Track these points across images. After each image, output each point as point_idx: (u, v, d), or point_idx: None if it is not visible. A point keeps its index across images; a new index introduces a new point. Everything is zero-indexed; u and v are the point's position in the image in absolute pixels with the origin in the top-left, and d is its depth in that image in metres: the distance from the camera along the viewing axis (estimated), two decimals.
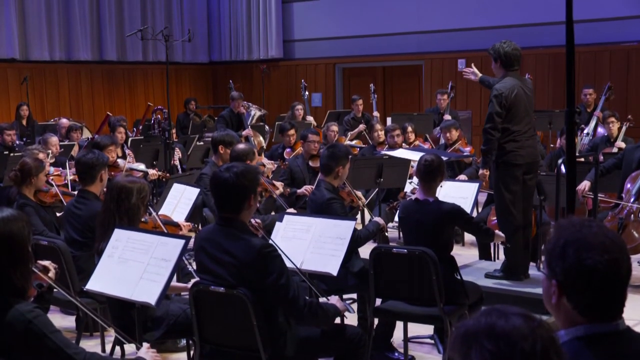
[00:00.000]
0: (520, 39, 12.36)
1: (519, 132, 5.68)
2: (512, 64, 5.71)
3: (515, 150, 5.68)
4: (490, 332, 1.56)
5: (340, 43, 14.82)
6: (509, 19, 12.57)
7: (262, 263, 3.55)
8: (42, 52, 14.01)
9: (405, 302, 4.68)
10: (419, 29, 13.73)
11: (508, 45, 5.72)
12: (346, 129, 11.34)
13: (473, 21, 13.05)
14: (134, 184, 4.46)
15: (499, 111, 5.59)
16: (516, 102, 5.62)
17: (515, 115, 5.64)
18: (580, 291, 1.87)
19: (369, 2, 14.32)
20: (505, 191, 5.76)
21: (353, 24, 14.54)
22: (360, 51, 14.52)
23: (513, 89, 5.62)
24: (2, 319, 2.73)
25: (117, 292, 3.87)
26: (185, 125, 13.37)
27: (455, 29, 13.29)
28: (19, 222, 2.85)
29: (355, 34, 14.55)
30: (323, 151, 5.52)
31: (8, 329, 2.72)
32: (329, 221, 4.57)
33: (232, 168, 3.68)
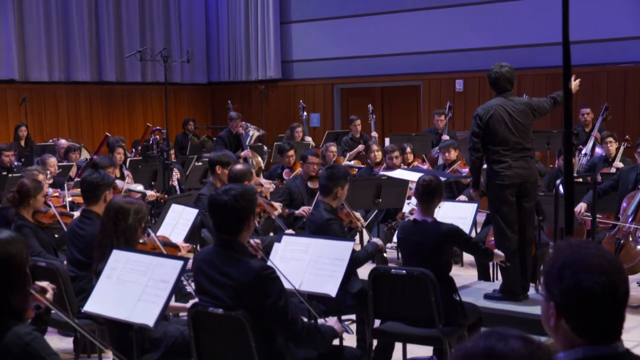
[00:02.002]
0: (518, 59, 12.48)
1: (504, 152, 5.75)
2: (496, 87, 5.96)
3: (501, 171, 5.76)
4: (489, 355, 1.56)
5: (339, 63, 14.88)
6: (507, 40, 12.65)
7: (261, 285, 3.54)
8: (41, 72, 14.06)
9: (404, 323, 4.67)
10: (417, 49, 13.79)
11: (492, 69, 6.04)
12: (345, 149, 11.36)
13: (471, 42, 13.12)
14: (132, 205, 4.45)
15: (476, 131, 5.86)
16: (492, 122, 5.80)
17: (493, 135, 5.79)
18: (578, 313, 1.87)
19: (367, 23, 14.39)
20: (495, 212, 5.83)
21: (351, 44, 14.61)
22: (359, 72, 14.58)
23: (489, 110, 5.82)
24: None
25: (115, 313, 3.86)
26: (183, 146, 13.39)
27: (453, 50, 13.36)
28: (17, 244, 2.85)
29: (354, 55, 14.61)
30: (322, 172, 5.52)
31: (5, 352, 2.71)
32: (328, 242, 4.56)
33: (229, 190, 3.68)
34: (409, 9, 13.83)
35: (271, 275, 3.58)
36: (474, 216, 5.98)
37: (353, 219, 5.72)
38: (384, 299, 4.64)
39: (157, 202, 8.37)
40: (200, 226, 6.59)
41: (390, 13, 14.07)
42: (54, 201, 6.92)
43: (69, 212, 6.72)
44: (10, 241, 2.83)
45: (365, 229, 6.03)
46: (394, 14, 14.03)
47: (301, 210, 7.24)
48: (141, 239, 4.68)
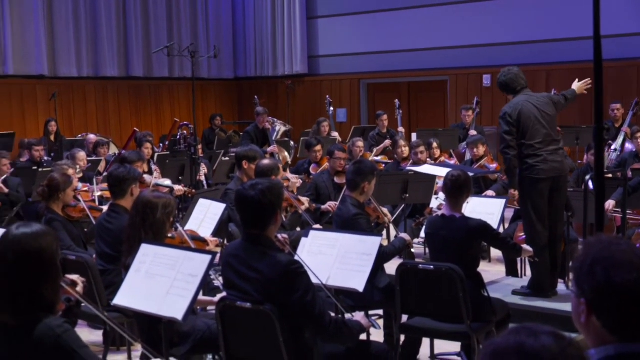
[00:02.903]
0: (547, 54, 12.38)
1: (538, 146, 5.72)
2: (512, 89, 5.94)
3: (537, 165, 5.72)
4: (519, 351, 1.56)
5: (365, 59, 14.84)
6: (535, 34, 12.54)
7: (289, 280, 3.55)
8: (70, 68, 14.19)
9: (432, 319, 4.67)
10: (444, 44, 13.72)
11: (502, 73, 6.01)
12: (371, 144, 11.34)
13: (499, 36, 13.03)
14: (160, 199, 4.49)
15: (507, 129, 5.77)
16: (522, 117, 5.76)
17: (525, 129, 5.75)
18: (609, 310, 1.85)
19: (394, 18, 14.34)
20: (530, 206, 5.77)
21: (378, 39, 14.56)
22: (385, 67, 14.54)
23: (517, 106, 5.77)
24: (31, 334, 2.76)
25: (144, 307, 3.89)
26: (211, 141, 13.45)
27: (480, 44, 13.27)
28: (48, 237, 2.88)
29: (381, 50, 14.57)
30: (349, 167, 5.53)
31: (38, 344, 2.75)
32: (355, 237, 4.56)
33: (256, 185, 3.69)
34: (436, 3, 13.76)
35: (299, 270, 3.60)
36: (502, 212, 5.95)
37: (380, 214, 5.72)
38: (412, 294, 4.63)
39: (184, 196, 8.42)
40: (227, 221, 6.62)
41: (418, 8, 14.00)
42: (83, 195, 7.00)
43: (98, 206, 6.79)
44: (42, 234, 2.86)
45: (392, 224, 6.02)
46: (421, 8, 13.96)
47: (328, 206, 7.24)
48: (169, 233, 4.71)
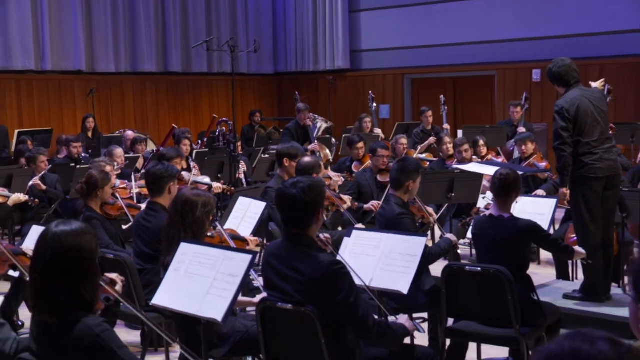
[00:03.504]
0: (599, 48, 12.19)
1: (594, 144, 5.62)
2: (566, 81, 5.78)
3: (593, 163, 5.61)
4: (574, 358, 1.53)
5: (409, 53, 14.77)
6: (587, 27, 12.35)
7: (331, 280, 3.55)
8: (108, 63, 14.38)
9: (479, 323, 4.62)
10: (492, 38, 13.59)
11: (555, 64, 5.83)
12: (415, 142, 11.29)
13: (548, 29, 12.86)
14: (199, 198, 4.52)
15: (564, 125, 5.62)
16: (580, 113, 5.63)
17: (582, 126, 5.63)
18: None
19: (439, 11, 14.25)
20: (583, 207, 5.68)
21: (422, 33, 14.48)
22: (430, 61, 14.45)
23: (574, 102, 5.63)
24: (70, 333, 2.79)
25: (183, 307, 3.92)
26: (250, 138, 13.51)
27: (530, 38, 13.11)
28: (87, 235, 2.92)
29: (425, 44, 14.49)
30: (393, 165, 5.51)
31: (76, 343, 2.78)
32: (399, 237, 4.54)
33: (298, 183, 3.69)
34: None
35: (342, 270, 3.59)
36: (553, 212, 5.87)
37: (425, 213, 5.69)
38: (458, 297, 4.59)
39: (223, 194, 8.46)
40: (267, 220, 6.64)
41: (464, 0, 13.90)
42: (121, 193, 7.08)
43: (136, 204, 6.86)
44: (81, 232, 2.90)
45: (437, 224, 5.98)
46: (468, 0, 13.85)
47: (370, 205, 7.22)
48: (209, 232, 4.74)
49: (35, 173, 8.37)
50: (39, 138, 11.63)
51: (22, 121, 13.31)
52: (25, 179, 8.22)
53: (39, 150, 8.90)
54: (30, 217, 8.17)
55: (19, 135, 11.53)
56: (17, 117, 13.34)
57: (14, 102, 13.33)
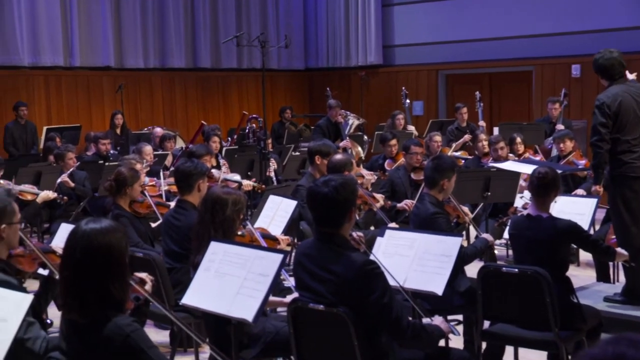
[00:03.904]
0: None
1: (634, 142, 5.54)
2: (611, 74, 5.68)
3: (633, 162, 5.54)
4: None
5: (444, 48, 14.69)
6: (629, 20, 12.19)
7: (364, 280, 3.54)
8: (137, 59, 14.48)
9: (516, 325, 4.59)
10: (529, 32, 13.46)
11: (601, 55, 5.72)
12: (450, 139, 11.24)
13: (588, 23, 12.71)
14: (230, 196, 4.53)
15: (603, 121, 5.54)
16: (622, 109, 5.56)
17: (624, 123, 5.56)
18: None
19: (474, 4, 14.16)
20: (623, 207, 5.61)
21: (457, 27, 14.39)
22: (465, 56, 14.36)
23: (616, 97, 5.55)
24: (100, 332, 2.82)
25: (213, 307, 3.93)
26: (280, 135, 13.54)
27: (569, 32, 12.96)
28: (117, 233, 2.94)
29: (460, 39, 14.39)
30: (427, 163, 5.50)
31: (106, 342, 2.81)
32: (434, 237, 4.53)
33: (329, 182, 3.69)
34: None
35: (375, 270, 3.58)
36: (594, 212, 5.81)
37: (460, 213, 5.66)
38: (494, 298, 4.56)
39: (253, 192, 8.49)
40: (298, 218, 6.66)
41: None
42: (150, 190, 7.14)
43: (165, 202, 6.91)
44: (111, 230, 2.92)
45: (472, 224, 5.95)
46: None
47: (404, 204, 7.20)
48: (239, 231, 4.75)
49: (64, 170, 8.46)
50: (67, 135, 11.76)
51: (50, 118, 13.46)
52: (53, 176, 8.32)
53: (67, 147, 8.99)
54: (58, 215, 8.26)
55: (48, 132, 11.67)
56: (46, 114, 13.49)
57: (42, 98, 13.49)
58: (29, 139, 12.19)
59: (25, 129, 12.18)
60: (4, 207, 3.62)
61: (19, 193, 7.51)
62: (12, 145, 11.97)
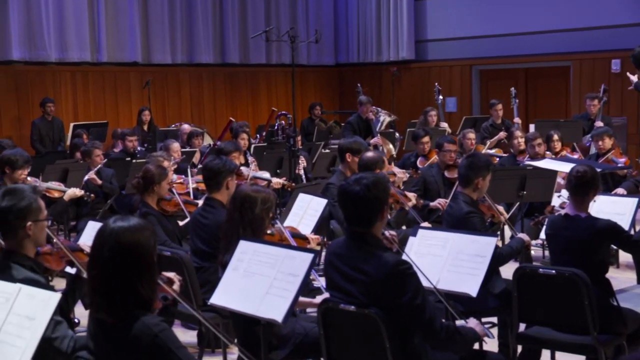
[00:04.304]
0: None
1: None
2: None
3: None
4: None
5: (478, 43, 14.62)
6: None
7: (397, 281, 3.54)
8: (164, 55, 14.56)
9: (553, 329, 4.55)
10: (567, 25, 13.35)
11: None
12: (484, 136, 11.19)
13: (629, 16, 12.57)
14: (259, 194, 4.54)
15: None
16: None
17: None
18: None
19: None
20: None
21: (492, 21, 14.32)
22: (500, 51, 14.27)
23: None
24: (128, 332, 2.84)
25: (242, 307, 3.95)
26: (310, 132, 13.55)
27: (608, 26, 12.83)
28: (145, 232, 2.96)
29: (495, 33, 14.32)
30: (461, 161, 5.48)
31: (135, 342, 2.83)
32: (468, 237, 4.51)
33: (361, 180, 3.70)
34: None
35: (408, 271, 3.57)
36: (634, 212, 5.74)
37: (495, 212, 5.62)
38: (530, 301, 4.53)
39: (282, 190, 8.51)
40: (328, 217, 6.65)
41: None
42: (177, 188, 7.17)
43: (193, 200, 6.94)
44: (139, 228, 2.94)
45: (508, 224, 5.91)
46: None
47: (437, 202, 7.17)
48: (269, 230, 4.76)
49: (91, 167, 8.51)
50: (94, 131, 11.88)
51: (77, 114, 13.59)
52: (80, 174, 8.38)
53: (94, 144, 9.06)
54: (85, 213, 8.32)
55: (75, 129, 11.79)
56: (73, 110, 13.62)
57: (69, 94, 13.62)
58: (55, 135, 12.33)
59: (52, 125, 12.32)
60: (29, 204, 3.66)
61: (46, 190, 7.58)
62: (39, 142, 12.11)
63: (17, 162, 6.76)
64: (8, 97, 12.86)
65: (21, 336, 3.12)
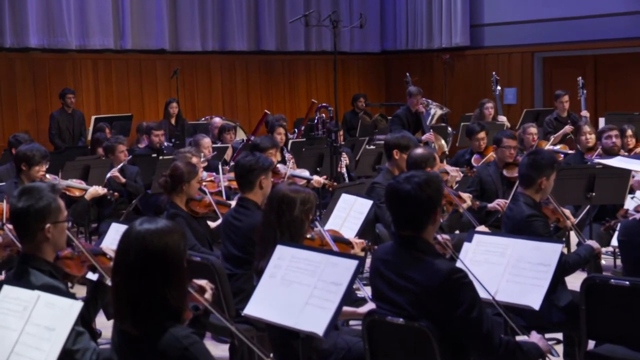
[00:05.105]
0: None
1: None
2: None
3: None
4: None
5: (541, 27, 14.54)
6: None
7: (450, 291, 3.53)
8: (194, 42, 14.65)
9: (627, 347, 4.49)
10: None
11: None
12: (548, 131, 11.11)
13: None
14: (298, 194, 4.55)
15: None
16: None
17: None
18: None
19: None
20: None
21: (556, 3, 14.22)
22: (566, 37, 14.17)
23: None
24: (155, 345, 2.86)
25: (279, 319, 3.96)
26: (353, 126, 13.55)
27: None
28: (174, 235, 2.98)
29: (560, 16, 14.22)
30: (523, 158, 5.45)
31: (162, 355, 2.85)
32: (530, 243, 4.48)
33: (412, 178, 3.71)
34: None
35: (463, 280, 3.57)
36: None
37: (561, 216, 5.57)
38: (600, 315, 4.48)
39: (323, 190, 8.51)
40: (374, 220, 6.64)
41: None
42: (208, 187, 7.20)
43: (225, 200, 6.96)
44: (168, 231, 2.96)
45: (575, 229, 5.86)
46: None
47: (495, 204, 7.13)
48: (308, 234, 4.77)
49: (114, 164, 8.59)
50: (117, 125, 11.98)
51: (99, 106, 13.73)
52: (103, 171, 8.44)
53: (118, 139, 9.13)
54: (107, 214, 8.38)
55: (96, 122, 11.92)
56: (94, 102, 13.77)
57: (90, 84, 13.75)
58: (76, 129, 12.47)
59: (72, 118, 12.47)
60: (47, 204, 3.68)
61: (66, 189, 7.65)
62: (58, 136, 12.27)
63: (34, 158, 6.84)
64: (25, 88, 13.03)
65: (40, 348, 3.16)
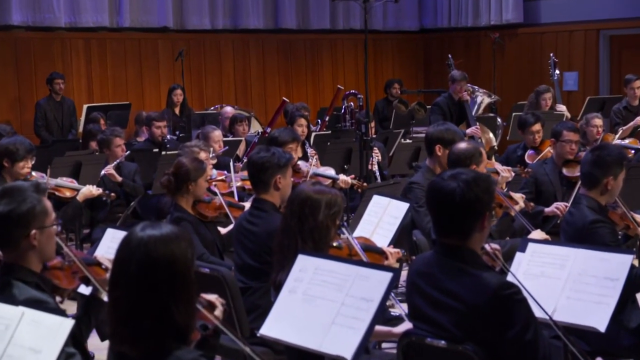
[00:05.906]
0: None
1: None
2: None
3: None
4: None
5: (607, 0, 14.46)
6: None
7: (501, 309, 3.54)
8: (202, 19, 14.70)
9: None
10: None
11: None
12: (616, 122, 11.06)
13: None
14: (323, 195, 4.55)
15: None
16: None
17: None
18: None
19: None
20: None
21: None
22: (637, 11, 14.08)
23: None
24: None
25: (301, 340, 3.96)
26: (386, 117, 13.57)
27: None
28: (181, 242, 2.98)
29: None
30: (585, 155, 5.44)
31: None
32: (594, 254, 4.46)
33: (458, 175, 3.71)
34: None
35: (515, 296, 3.57)
36: None
37: (630, 222, 5.55)
38: None
39: (352, 191, 8.51)
40: (411, 226, 6.64)
41: None
42: (219, 186, 7.22)
43: (238, 202, 6.98)
44: (173, 238, 2.96)
45: None
46: None
47: (554, 208, 7.13)
48: (335, 242, 4.77)
49: (109, 160, 8.60)
50: (113, 115, 12.02)
51: (92, 93, 13.80)
52: (96, 168, 8.47)
53: (114, 131, 9.13)
54: (101, 218, 8.39)
55: (89, 112, 11.96)
56: (86, 88, 13.83)
57: (82, 68, 13.81)
58: (65, 120, 12.53)
59: (61, 107, 12.52)
60: (32, 207, 3.69)
61: (55, 188, 7.68)
62: (45, 128, 12.32)
63: (18, 153, 6.90)
64: (6, 72, 13.12)
65: None
